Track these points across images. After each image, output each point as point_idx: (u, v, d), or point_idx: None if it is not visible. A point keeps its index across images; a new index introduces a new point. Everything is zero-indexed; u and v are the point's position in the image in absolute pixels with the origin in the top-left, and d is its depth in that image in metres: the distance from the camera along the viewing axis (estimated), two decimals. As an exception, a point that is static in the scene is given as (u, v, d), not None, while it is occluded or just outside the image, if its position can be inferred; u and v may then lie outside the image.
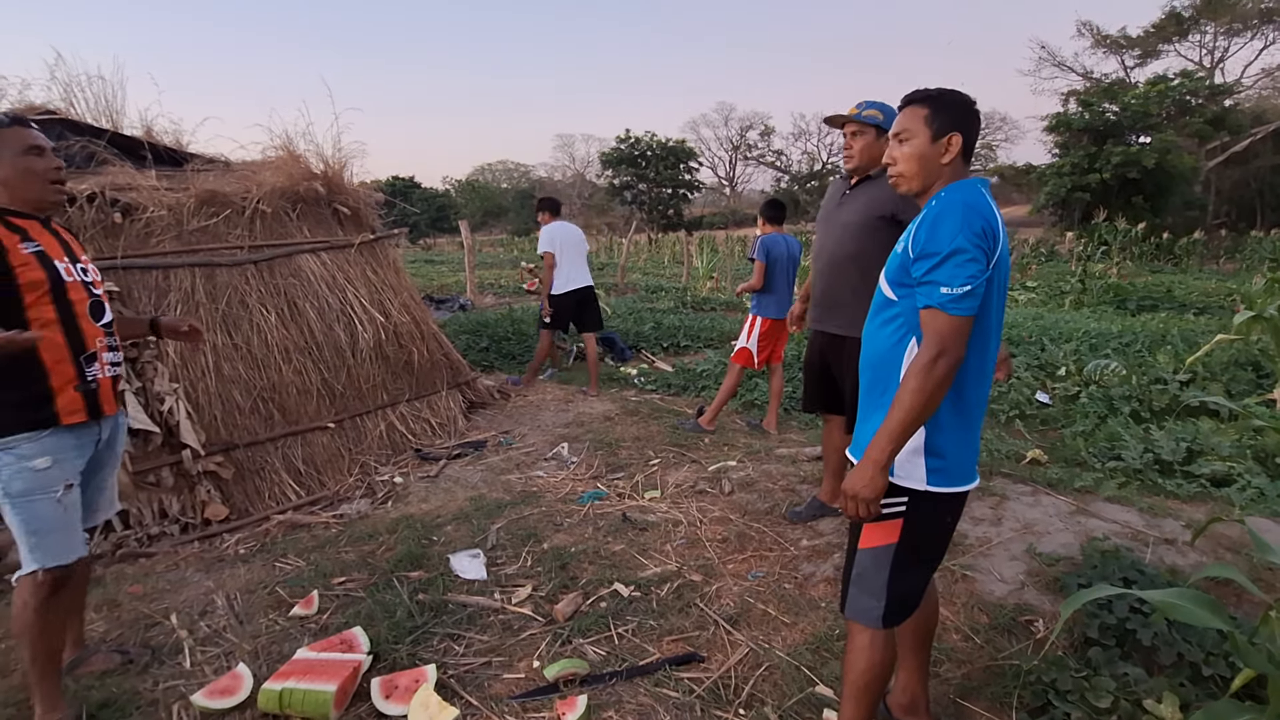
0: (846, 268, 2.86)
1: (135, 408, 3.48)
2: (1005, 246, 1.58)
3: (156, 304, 3.79)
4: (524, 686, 2.17)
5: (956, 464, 1.61)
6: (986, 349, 1.62)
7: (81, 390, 2.00)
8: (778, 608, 2.53)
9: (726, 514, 3.36)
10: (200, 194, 4.06)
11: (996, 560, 2.70)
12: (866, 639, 1.66)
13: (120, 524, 3.37)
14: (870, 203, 2.79)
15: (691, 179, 44.63)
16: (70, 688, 2.19)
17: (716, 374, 6.20)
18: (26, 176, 1.96)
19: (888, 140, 2.75)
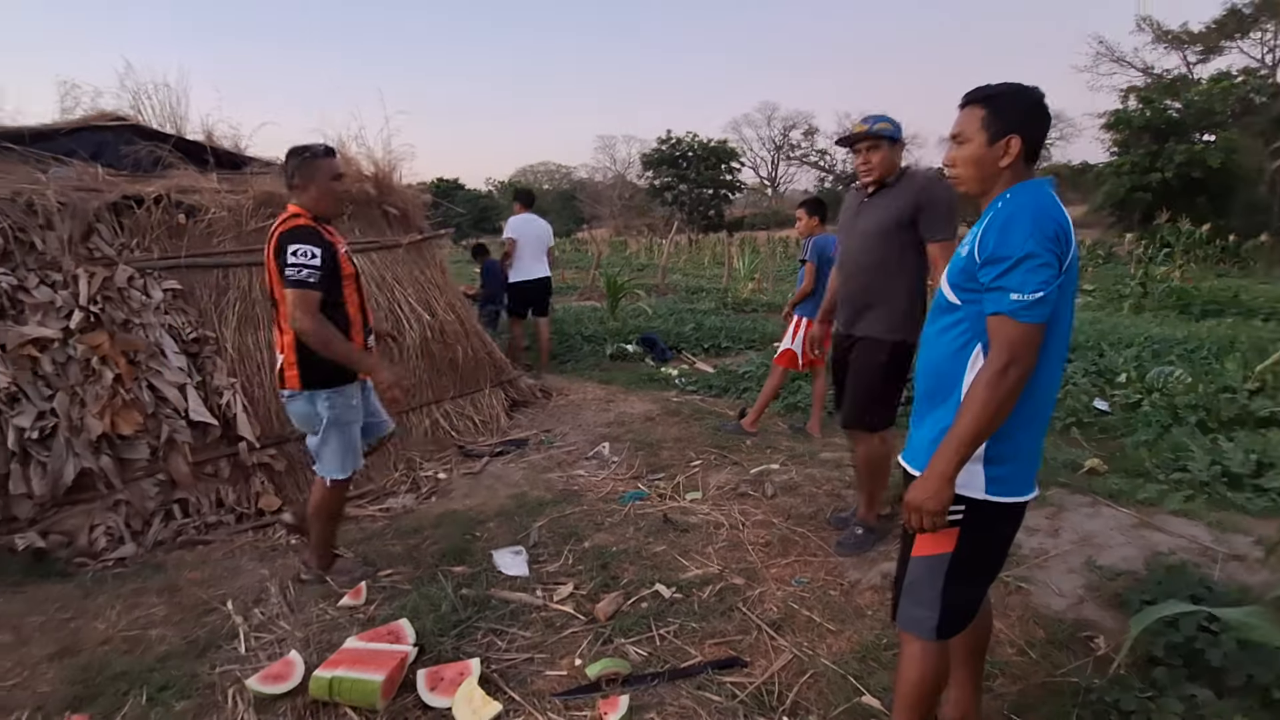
0: (870, 274, 2.87)
1: (196, 401, 3.61)
2: (1075, 250, 1.51)
3: (216, 302, 3.93)
4: (566, 684, 2.17)
5: (1017, 474, 1.55)
6: (1057, 357, 1.56)
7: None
8: (823, 614, 2.49)
9: (769, 517, 3.31)
10: (258, 195, 4.19)
11: (1053, 573, 2.60)
12: (918, 650, 1.62)
13: (180, 512, 3.51)
14: (889, 210, 2.79)
15: (733, 179, 44.35)
16: (133, 670, 2.28)
17: (758, 376, 6.13)
18: (330, 196, 2.66)
19: (899, 149, 2.77)
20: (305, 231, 2.52)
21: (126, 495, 3.35)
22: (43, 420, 3.16)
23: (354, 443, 2.76)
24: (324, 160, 2.61)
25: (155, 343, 3.58)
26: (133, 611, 2.67)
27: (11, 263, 3.37)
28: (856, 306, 2.91)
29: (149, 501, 3.42)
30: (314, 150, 2.62)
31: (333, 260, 2.55)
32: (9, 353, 3.18)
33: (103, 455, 3.26)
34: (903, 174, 2.81)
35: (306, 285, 2.46)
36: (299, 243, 2.47)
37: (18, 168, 3.85)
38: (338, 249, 2.61)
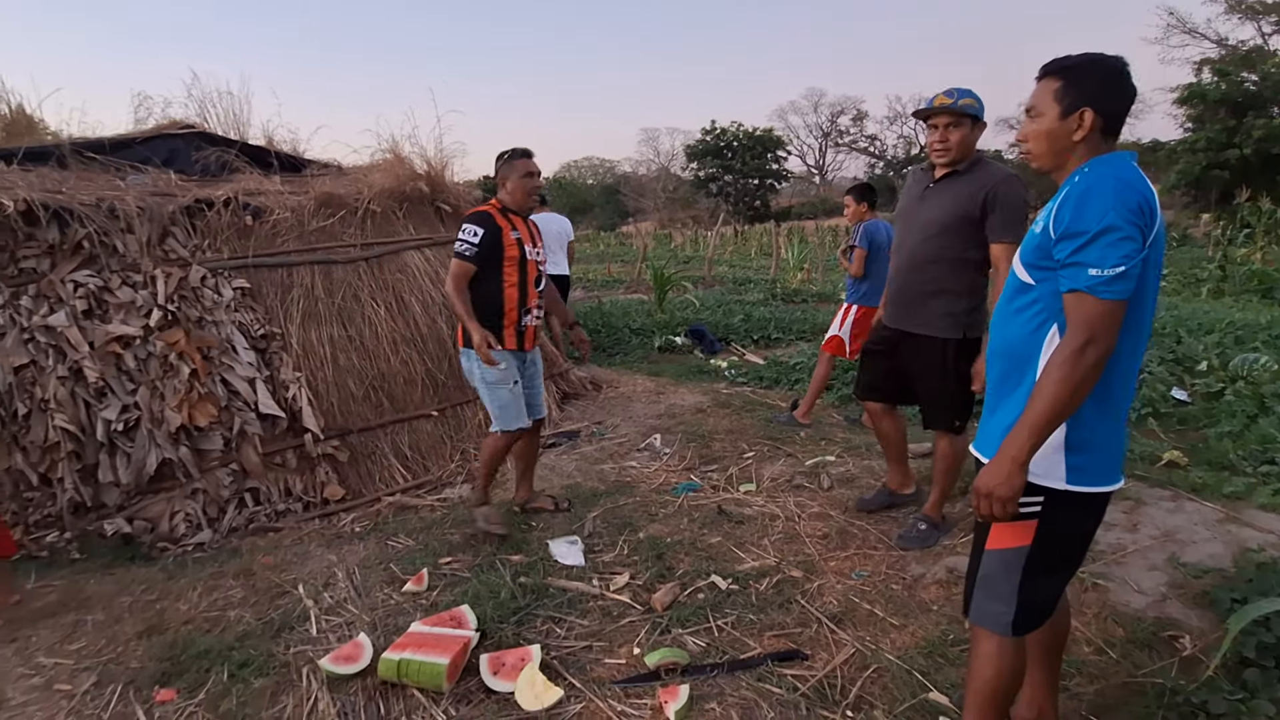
0: (927, 267, 2.72)
1: (265, 394, 3.77)
2: (1161, 226, 1.42)
3: (282, 299, 4.08)
4: (625, 672, 2.18)
5: (1100, 462, 1.48)
6: (1139, 338, 1.47)
7: (517, 329, 3.09)
8: (885, 609, 2.43)
9: (826, 510, 3.26)
10: (319, 196, 4.33)
11: (1133, 569, 2.48)
12: (994, 646, 1.56)
13: (251, 500, 3.66)
14: (956, 200, 2.62)
15: (779, 168, 43.72)
16: (215, 648, 2.39)
17: (810, 367, 6.01)
18: (522, 191, 3.04)
19: (979, 130, 2.61)
20: (477, 215, 2.99)
21: (203, 484, 3.52)
22: (126, 413, 3.35)
23: (506, 401, 3.06)
24: (519, 161, 3.04)
25: (227, 339, 3.74)
26: (212, 593, 2.81)
27: (97, 265, 3.57)
28: (910, 300, 2.79)
29: (223, 490, 3.58)
30: (513, 153, 3.06)
31: (494, 241, 2.93)
32: (97, 350, 3.37)
33: (181, 446, 3.43)
34: (976, 162, 2.65)
35: (461, 256, 2.94)
36: (467, 222, 2.97)
37: (99, 176, 4.08)
38: (504, 233, 2.96)
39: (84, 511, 3.30)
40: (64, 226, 3.49)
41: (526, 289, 3.07)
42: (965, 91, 2.61)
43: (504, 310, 3.03)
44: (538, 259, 3.14)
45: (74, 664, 2.37)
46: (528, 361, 3.23)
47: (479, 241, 2.92)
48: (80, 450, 3.28)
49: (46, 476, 3.26)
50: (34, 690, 2.25)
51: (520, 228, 3.07)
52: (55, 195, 3.51)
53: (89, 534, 3.25)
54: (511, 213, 3.07)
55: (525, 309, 3.09)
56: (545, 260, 3.22)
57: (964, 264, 2.66)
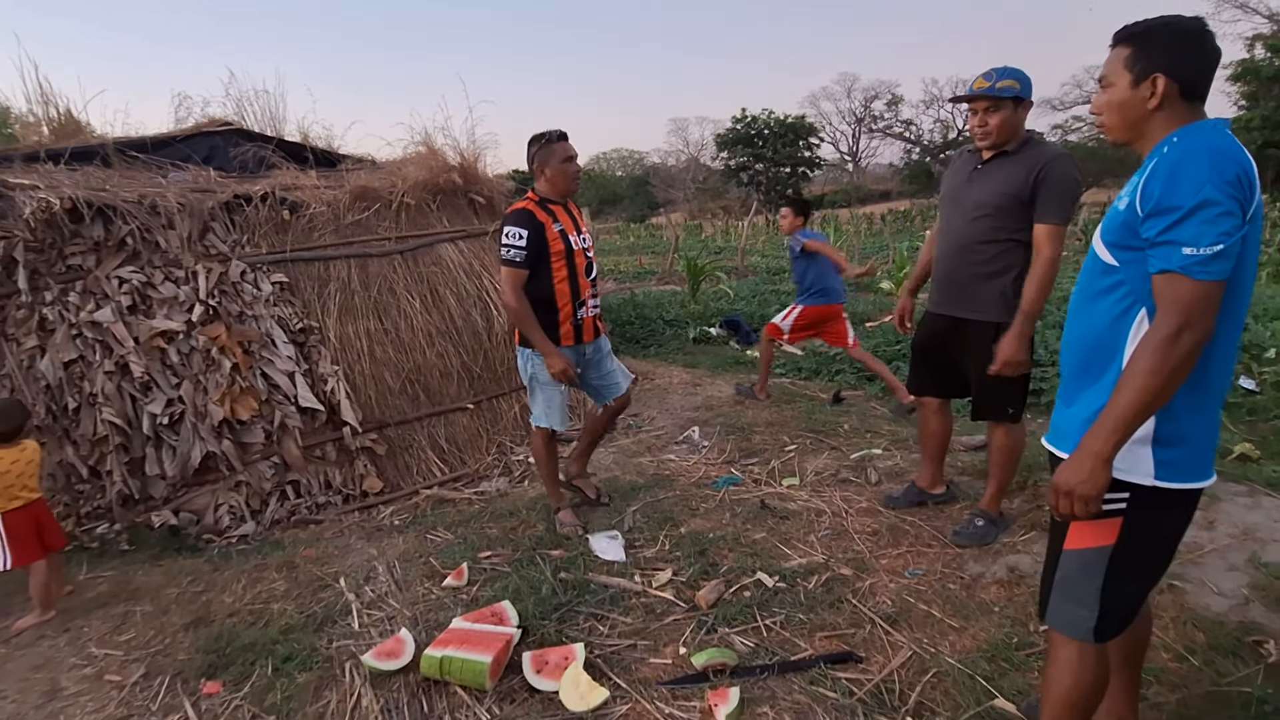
0: (976, 250, 2.61)
1: (304, 388, 3.78)
2: (1260, 199, 1.29)
3: (319, 293, 4.09)
4: (671, 672, 2.12)
5: (1192, 457, 1.37)
6: (1236, 322, 1.35)
7: (574, 324, 2.97)
8: (943, 609, 2.32)
9: (874, 505, 3.15)
10: (354, 190, 4.33)
11: (1211, 570, 2.32)
12: (1074, 653, 1.45)
13: (293, 493, 3.69)
14: (1006, 181, 2.51)
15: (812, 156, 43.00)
16: (259, 641, 2.39)
17: (851, 359, 5.87)
18: (564, 177, 2.88)
19: (1025, 110, 2.47)
20: (516, 215, 2.84)
21: (246, 476, 3.55)
22: (171, 407, 3.39)
23: (554, 401, 3.00)
24: (558, 145, 2.88)
25: (266, 333, 3.76)
26: (256, 586, 2.82)
27: (140, 261, 3.61)
28: (959, 285, 2.67)
29: (265, 483, 3.61)
30: (549, 136, 2.88)
31: (538, 239, 2.80)
32: (141, 345, 3.42)
33: (224, 439, 3.46)
34: (1026, 141, 2.51)
35: (511, 264, 2.81)
36: (508, 225, 2.82)
37: (142, 174, 4.13)
38: (546, 229, 2.82)
39: (132, 503, 3.36)
40: (108, 224, 3.54)
41: (578, 281, 2.94)
42: (1006, 72, 2.48)
43: (557, 307, 2.91)
44: (584, 246, 2.99)
45: (124, 655, 2.40)
46: (588, 354, 3.10)
47: (525, 244, 2.79)
48: (127, 443, 3.33)
49: (96, 469, 3.32)
50: (86, 680, 2.28)
51: (562, 218, 2.92)
52: (99, 193, 3.55)
53: (137, 525, 3.31)
54: (551, 203, 2.93)
55: (579, 301, 2.96)
56: (593, 246, 3.09)
57: (1015, 245, 2.54)
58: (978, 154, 2.63)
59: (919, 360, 2.94)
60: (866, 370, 5.35)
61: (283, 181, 4.14)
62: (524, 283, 2.83)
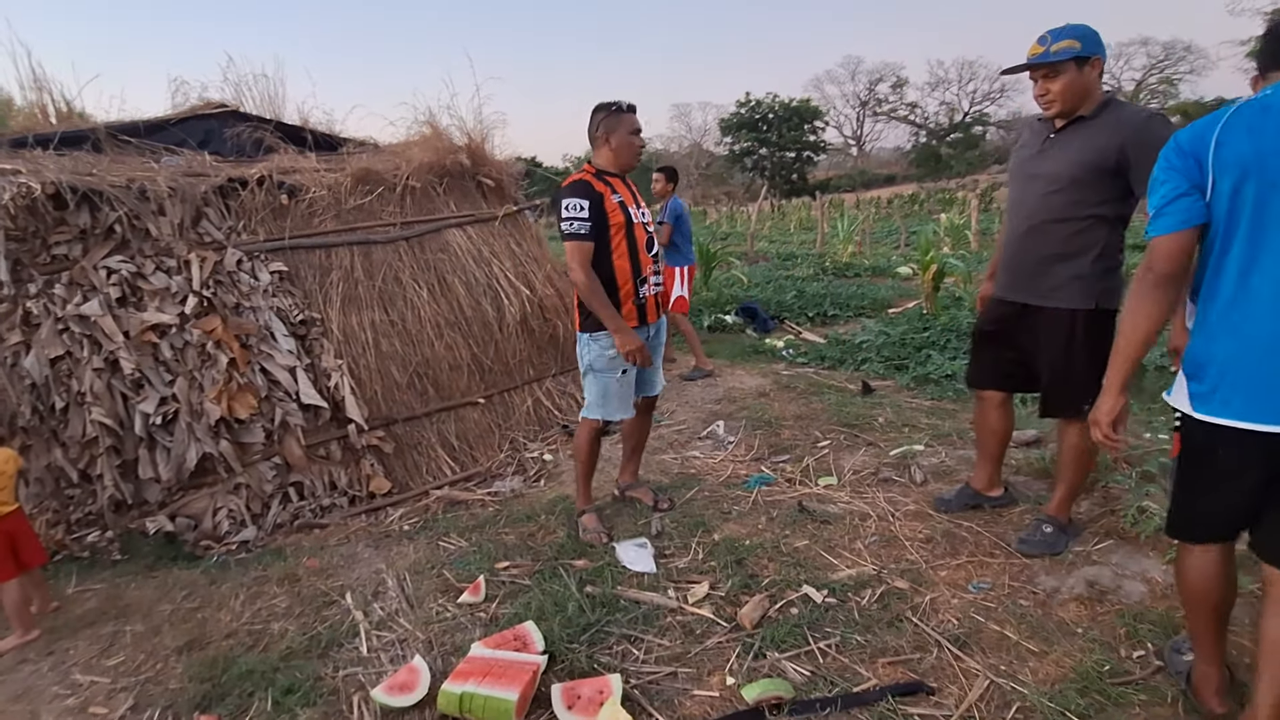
0: (1050, 230, 2.32)
1: (306, 384, 3.55)
2: (1246, 148, 1.42)
3: (320, 283, 3.85)
4: (719, 707, 1.89)
5: (1222, 392, 1.49)
6: (1249, 262, 1.45)
7: (636, 304, 2.77)
8: (1017, 630, 2.08)
9: (923, 508, 2.90)
10: (355, 173, 4.08)
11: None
12: (1179, 553, 1.70)
13: (296, 495, 3.47)
14: (1085, 149, 2.21)
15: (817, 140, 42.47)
16: (258, 669, 2.17)
17: (877, 345, 5.62)
18: (629, 149, 2.75)
19: (1094, 69, 2.18)
20: (573, 186, 2.67)
21: (245, 479, 3.33)
22: (165, 405, 3.16)
23: (610, 390, 2.79)
24: (626, 115, 2.74)
25: (265, 325, 3.52)
26: (255, 602, 2.60)
27: (129, 251, 3.37)
28: (1030, 268, 2.39)
29: (266, 485, 3.39)
30: (618, 105, 2.74)
31: (599, 210, 2.63)
32: (132, 339, 3.18)
33: (222, 439, 3.23)
34: (1107, 104, 2.22)
35: (578, 237, 2.61)
36: (567, 197, 2.64)
37: (133, 159, 3.88)
38: (605, 199, 2.65)
39: (125, 509, 3.14)
40: (95, 210, 3.30)
41: (638, 257, 2.74)
42: (1063, 32, 2.18)
43: (618, 285, 2.71)
44: (644, 220, 2.80)
45: (110, 683, 2.18)
46: (650, 336, 2.90)
47: (589, 214, 2.60)
48: (119, 445, 3.11)
49: (86, 473, 3.10)
50: (69, 714, 2.07)
51: (621, 189, 2.73)
52: (85, 178, 3.30)
53: (131, 533, 3.09)
54: (609, 175, 2.74)
55: (641, 279, 2.76)
56: (652, 221, 2.89)
57: (1096, 222, 2.25)
58: (1050, 123, 2.34)
59: (980, 349, 2.68)
60: (892, 359, 5.15)
61: (280, 165, 3.88)
62: (591, 257, 2.63)
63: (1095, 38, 2.18)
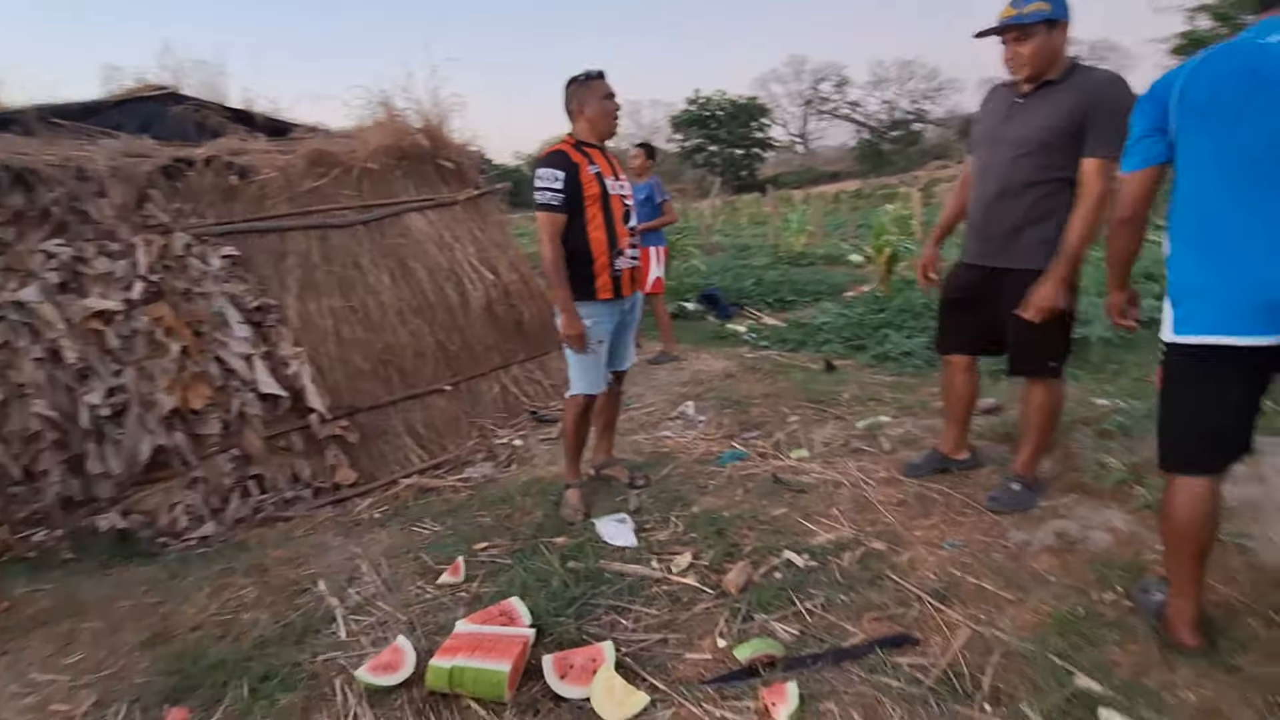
0: (1019, 194, 2.38)
1: (264, 372, 3.41)
2: (1203, 90, 1.57)
3: (276, 268, 3.71)
4: (713, 669, 1.89)
5: (1194, 313, 1.63)
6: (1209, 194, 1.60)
7: (612, 276, 2.73)
8: (994, 582, 2.15)
9: (894, 474, 2.97)
10: (309, 154, 3.94)
11: (1275, 526, 2.21)
12: (1168, 485, 1.77)
13: (257, 488, 3.33)
14: (1052, 114, 2.27)
15: (765, 137, 43.05)
16: (230, 659, 2.08)
17: (838, 326, 5.74)
18: (604, 115, 2.70)
19: (1062, 32, 2.27)
20: (549, 157, 2.66)
21: (203, 472, 3.18)
22: (113, 397, 2.99)
23: (587, 362, 2.78)
24: (596, 82, 2.72)
25: (218, 312, 3.37)
26: (222, 594, 2.49)
27: (68, 234, 3.17)
28: (1002, 232, 2.44)
29: (225, 478, 3.24)
30: (588, 74, 2.72)
31: (574, 181, 2.61)
32: (75, 327, 3.00)
33: (176, 431, 3.08)
34: (1073, 68, 2.29)
35: (549, 208, 2.61)
36: (542, 167, 2.64)
37: (67, 142, 3.65)
38: (581, 169, 2.64)
39: (74, 506, 2.96)
40: (29, 191, 3.10)
41: (615, 228, 2.72)
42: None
43: (593, 257, 2.69)
44: (622, 193, 2.78)
45: (70, 680, 2.05)
46: (626, 310, 2.91)
47: (564, 186, 2.59)
48: (65, 439, 2.93)
49: (30, 469, 2.91)
50: (29, 712, 1.94)
51: (598, 160, 2.72)
52: (16, 156, 3.10)
53: (81, 531, 2.92)
54: (588, 145, 2.73)
55: (617, 251, 2.74)
56: (631, 195, 2.86)
57: (1063, 185, 2.31)
58: (1015, 87, 2.40)
59: (948, 316, 2.75)
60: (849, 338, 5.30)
61: (229, 146, 3.71)
62: (562, 230, 2.63)
63: (1063, 4, 2.25)
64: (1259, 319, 1.55)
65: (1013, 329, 2.47)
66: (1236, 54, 1.56)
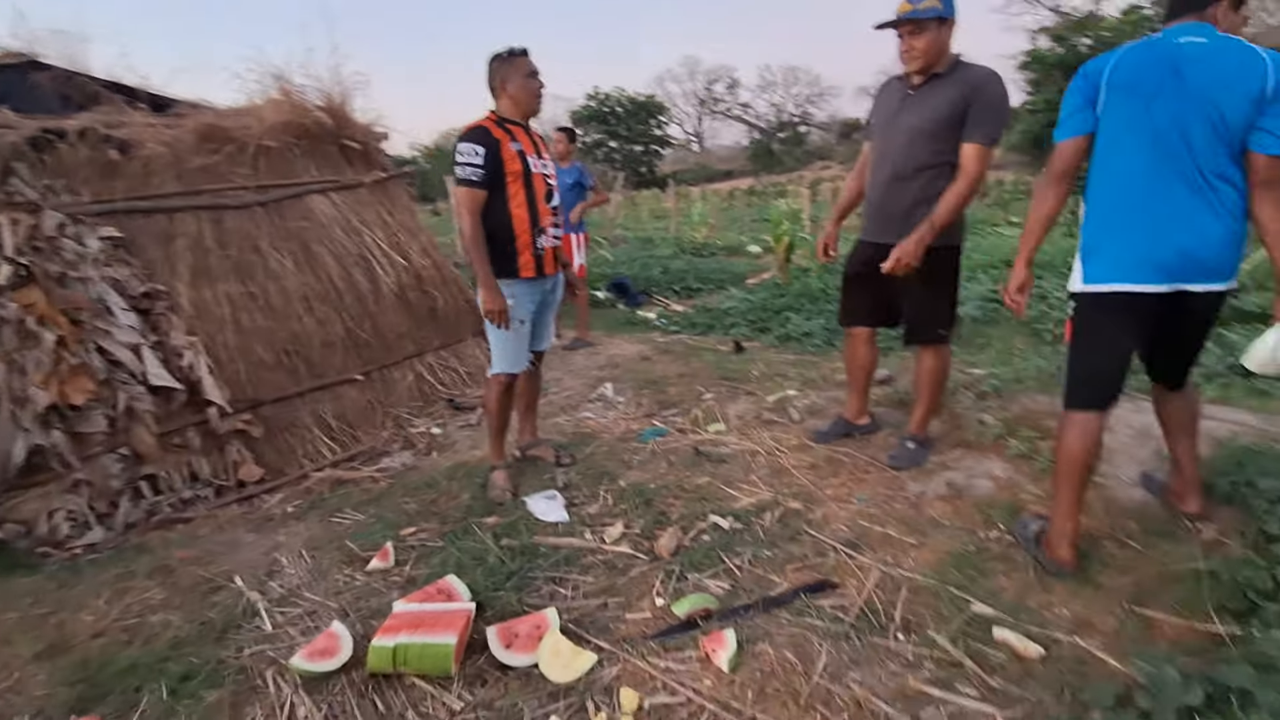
0: (912, 177, 2.62)
1: (154, 363, 3.17)
2: (1124, 75, 1.84)
3: (165, 251, 3.44)
4: (655, 626, 1.99)
5: (1101, 266, 1.93)
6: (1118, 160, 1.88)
7: (534, 254, 2.75)
8: (898, 529, 2.38)
9: (804, 441, 3.18)
10: (199, 129, 3.67)
11: (1123, 466, 2.57)
12: (1062, 420, 2.04)
13: (150, 490, 3.10)
14: (940, 105, 2.53)
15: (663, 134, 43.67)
16: (143, 662, 1.96)
17: (743, 311, 6.00)
18: (527, 93, 2.70)
19: (950, 29, 2.54)
20: (470, 132, 2.64)
21: (86, 474, 2.92)
22: (-26, 393, 2.68)
23: (508, 341, 2.79)
24: (519, 59, 2.71)
25: (99, 299, 3.09)
26: (123, 598, 2.32)
27: (-94, 212, 2.81)
28: (896, 213, 2.67)
29: (113, 480, 2.99)
30: (511, 50, 2.71)
31: (495, 157, 2.61)
32: (-80, 317, 2.67)
33: (54, 430, 2.81)
34: (957, 64, 2.54)
35: (468, 183, 2.60)
36: (463, 142, 2.62)
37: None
38: (503, 145, 2.63)
39: (-73, 519, 2.64)
40: None
41: (537, 206, 2.74)
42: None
43: (515, 235, 2.70)
44: (545, 171, 2.79)
45: (-49, 702, 1.86)
46: (548, 289, 2.93)
47: (484, 161, 2.58)
48: (-88, 444, 2.60)
49: None
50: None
51: (521, 138, 2.71)
52: None
53: (-62, 546, 2.61)
54: (510, 123, 2.72)
55: (539, 229, 2.75)
56: (554, 175, 2.87)
57: (951, 169, 2.55)
58: (906, 80, 2.64)
59: (850, 291, 2.97)
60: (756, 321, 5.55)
61: (106, 118, 3.39)
62: (481, 206, 2.62)
63: (950, 3, 2.49)
64: (1154, 270, 1.85)
65: (908, 302, 2.72)
66: (1156, 47, 1.84)
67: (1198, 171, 1.80)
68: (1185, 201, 1.82)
